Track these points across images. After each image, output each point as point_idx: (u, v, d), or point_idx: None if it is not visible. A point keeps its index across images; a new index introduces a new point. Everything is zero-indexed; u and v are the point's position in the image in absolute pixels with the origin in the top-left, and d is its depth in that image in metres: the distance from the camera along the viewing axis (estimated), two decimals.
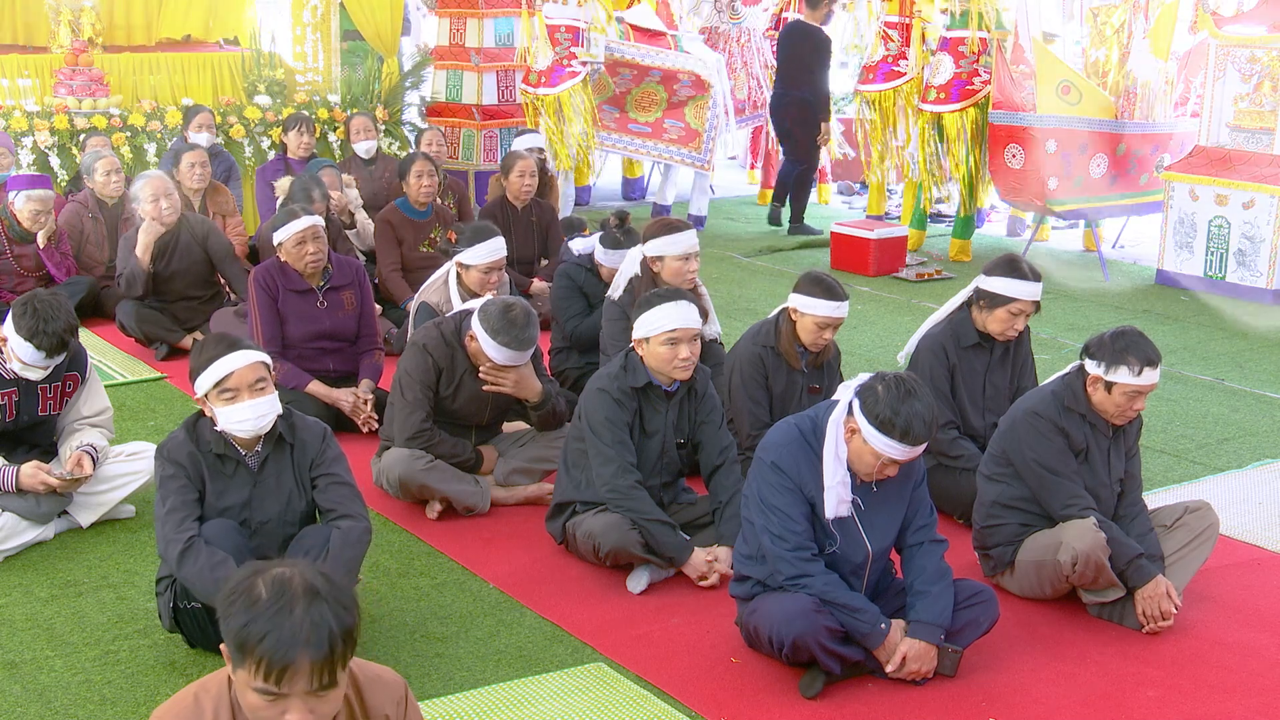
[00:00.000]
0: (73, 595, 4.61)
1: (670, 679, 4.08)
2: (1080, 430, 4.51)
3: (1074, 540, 4.35)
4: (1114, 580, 4.40)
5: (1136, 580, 4.41)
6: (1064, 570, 4.40)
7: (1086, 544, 4.33)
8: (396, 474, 5.24)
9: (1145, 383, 4.38)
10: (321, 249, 6.21)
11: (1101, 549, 4.34)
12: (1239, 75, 9.49)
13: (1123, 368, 4.35)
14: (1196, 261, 9.75)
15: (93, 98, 10.09)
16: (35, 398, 5.04)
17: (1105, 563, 4.35)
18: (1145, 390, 4.42)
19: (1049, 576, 4.50)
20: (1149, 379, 4.38)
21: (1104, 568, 4.35)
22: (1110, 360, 4.37)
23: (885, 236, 10.31)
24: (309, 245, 6.17)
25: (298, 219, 6.17)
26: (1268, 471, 6.08)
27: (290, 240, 6.16)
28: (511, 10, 11.70)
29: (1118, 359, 4.36)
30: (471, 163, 11.72)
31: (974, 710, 3.94)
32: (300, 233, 6.15)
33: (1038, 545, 4.52)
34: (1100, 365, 4.41)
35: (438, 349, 5.30)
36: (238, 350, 4.01)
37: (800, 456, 3.96)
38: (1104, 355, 4.40)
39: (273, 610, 2.29)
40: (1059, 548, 4.40)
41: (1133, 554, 4.41)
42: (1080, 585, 4.48)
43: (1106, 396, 4.43)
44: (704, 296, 6.27)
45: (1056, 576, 4.46)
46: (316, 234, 6.19)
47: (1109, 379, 4.39)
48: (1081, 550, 4.33)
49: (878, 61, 11.56)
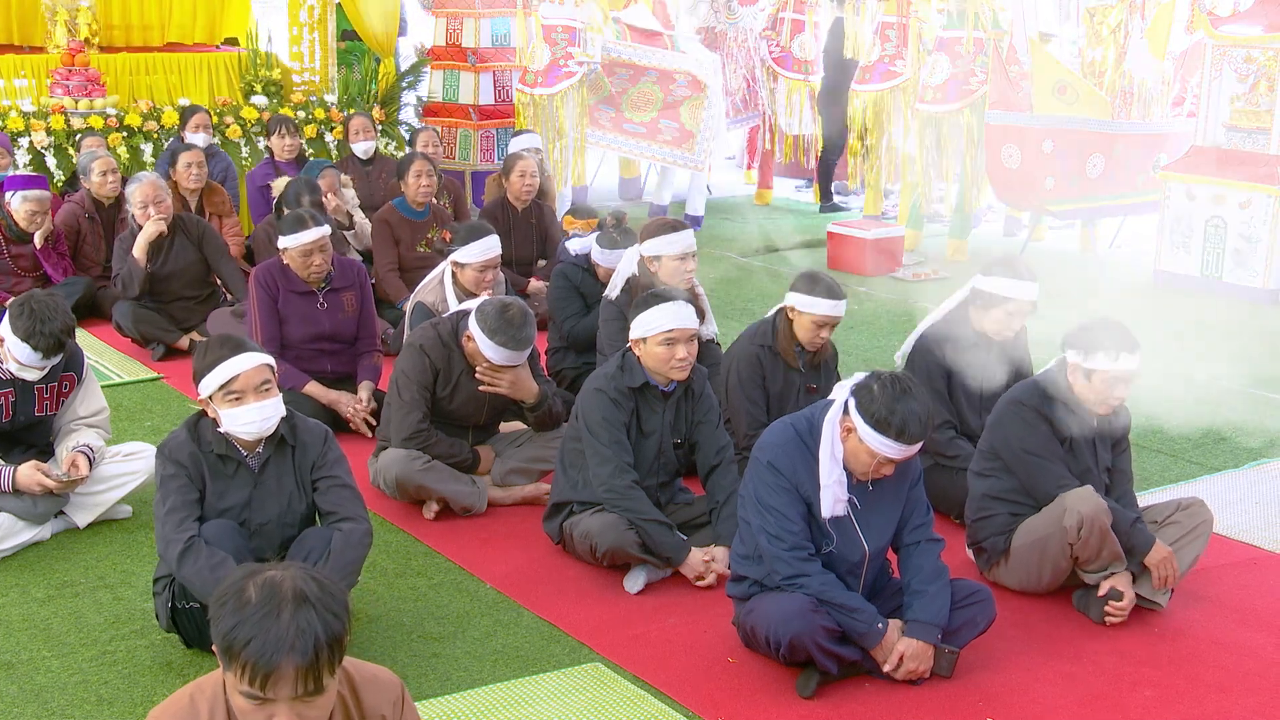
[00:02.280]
0: (69, 596, 4.61)
1: (667, 679, 4.08)
2: (1064, 418, 4.54)
3: (1077, 504, 4.39)
4: (1118, 551, 4.41)
5: (1142, 544, 4.44)
6: (1069, 537, 4.41)
7: (1090, 507, 4.36)
8: (393, 474, 5.24)
9: (1123, 369, 4.41)
10: (327, 260, 6.21)
11: (1104, 513, 4.38)
12: (1235, 75, 9.49)
13: (1100, 354, 4.40)
14: (1193, 261, 9.76)
15: (89, 98, 10.08)
16: (32, 398, 5.04)
17: (1109, 529, 4.38)
18: (1124, 377, 4.44)
19: (1052, 554, 4.50)
20: (1126, 365, 4.41)
21: (1108, 534, 4.38)
22: (1088, 348, 4.42)
23: (882, 236, 10.32)
24: (315, 257, 6.16)
25: (307, 229, 6.14)
26: (1263, 471, 6.09)
27: (297, 250, 6.15)
28: (508, 10, 11.70)
29: (1095, 346, 4.41)
30: (468, 163, 11.72)
31: (971, 710, 3.94)
32: (309, 244, 6.13)
33: (1037, 524, 4.54)
34: (1079, 353, 4.46)
35: (435, 349, 5.30)
36: (244, 352, 4.01)
37: (796, 456, 3.97)
38: (1082, 343, 4.45)
39: (259, 614, 2.29)
40: (1063, 514, 4.42)
41: (1130, 519, 4.46)
42: (1083, 559, 4.47)
43: (1087, 384, 4.47)
44: (701, 297, 6.27)
45: (1060, 550, 4.46)
46: (324, 246, 6.19)
47: (1087, 366, 4.44)
48: (1086, 513, 4.36)
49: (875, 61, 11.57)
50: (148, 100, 10.46)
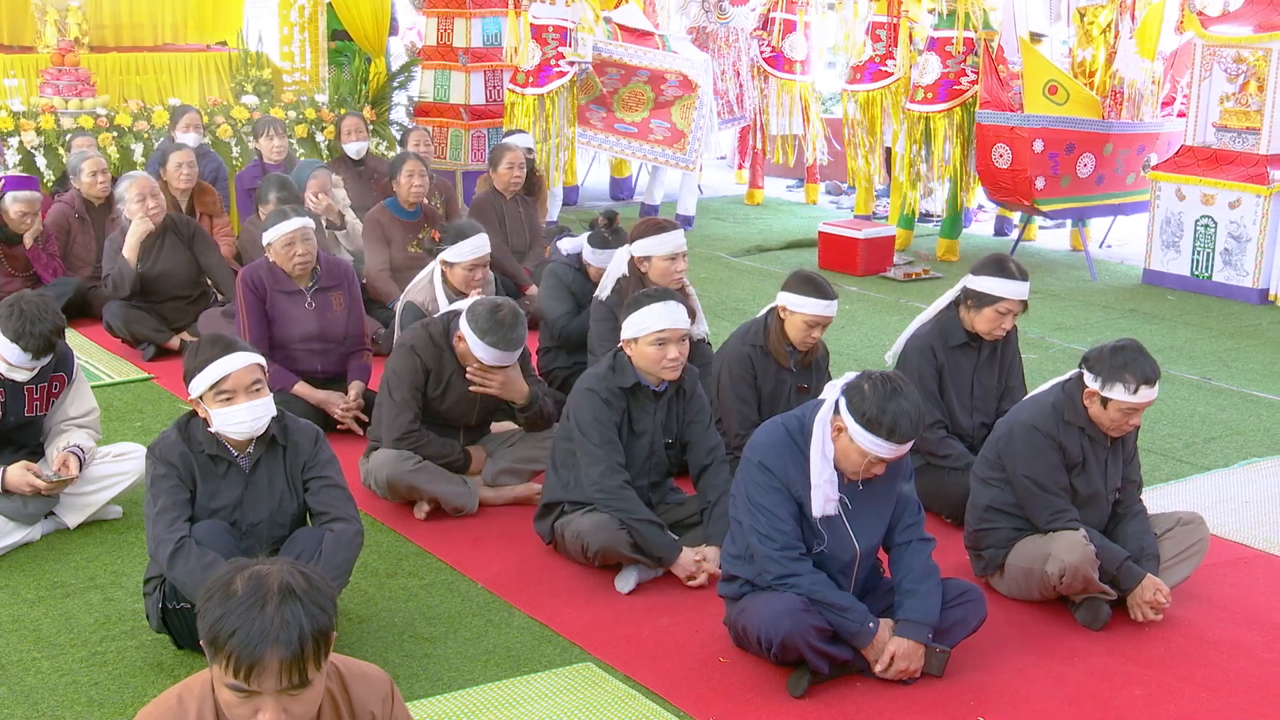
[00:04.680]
0: (60, 596, 4.60)
1: (659, 679, 4.08)
2: (1077, 443, 4.50)
3: (1063, 553, 4.35)
4: (1102, 589, 4.40)
5: (1127, 584, 4.42)
6: (1051, 581, 4.41)
7: (1075, 557, 4.33)
8: (384, 475, 5.24)
9: (1141, 400, 4.36)
10: (310, 250, 6.19)
11: (1090, 563, 4.34)
12: (1225, 75, 9.52)
13: (1119, 385, 4.33)
14: (1183, 261, 9.79)
15: (79, 98, 10.06)
16: (22, 399, 5.03)
17: (1093, 575, 4.35)
18: (1141, 408, 4.41)
19: (1036, 584, 4.51)
20: (1145, 397, 4.35)
21: (1092, 580, 4.36)
22: (1108, 376, 4.35)
23: (873, 236, 10.33)
24: (298, 246, 6.14)
25: (288, 219, 6.14)
26: (1254, 470, 6.10)
27: (279, 241, 6.14)
28: (499, 10, 11.69)
29: (1115, 376, 4.33)
30: (459, 163, 11.71)
31: (962, 709, 3.94)
32: (290, 234, 6.12)
33: (1027, 552, 4.52)
34: (1097, 380, 4.38)
35: (426, 350, 5.29)
36: (234, 352, 4.01)
37: (787, 456, 3.97)
38: (1102, 370, 4.37)
39: (244, 606, 2.31)
40: (1047, 559, 4.40)
41: (1120, 559, 4.42)
42: (1068, 595, 4.49)
43: (1102, 411, 4.42)
44: (692, 296, 6.26)
45: (1044, 585, 4.47)
46: (306, 235, 6.17)
47: (1105, 395, 4.37)
48: (1070, 563, 4.34)
49: (865, 61, 11.58)
50: (138, 100, 10.44)
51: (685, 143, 11.49)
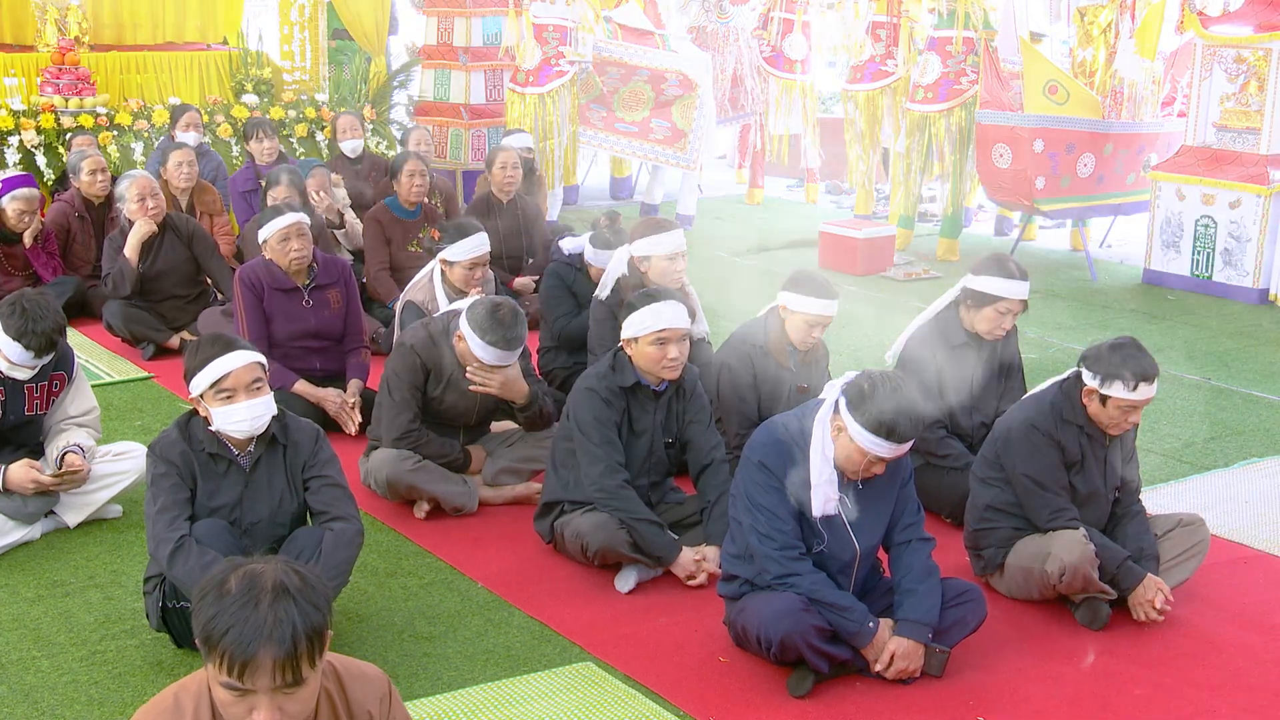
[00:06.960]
0: (59, 595, 4.60)
1: (658, 678, 4.08)
2: (1076, 442, 4.50)
3: (1062, 552, 4.35)
4: (1102, 588, 4.40)
5: (1127, 583, 4.42)
6: (1050, 580, 4.41)
7: (1075, 556, 4.33)
8: (384, 474, 5.24)
9: (1140, 398, 4.36)
10: (306, 246, 6.18)
11: (1090, 562, 4.34)
12: (1225, 75, 9.52)
13: (1118, 382, 4.34)
14: (1183, 261, 9.79)
15: (79, 96, 10.06)
16: (22, 397, 5.03)
17: (1093, 574, 4.35)
18: (1140, 405, 4.41)
19: (1036, 584, 4.51)
20: (1144, 394, 4.36)
21: (1091, 579, 4.36)
22: (1106, 374, 4.35)
23: (873, 236, 10.33)
24: (293, 242, 6.13)
25: (282, 215, 6.14)
26: (1254, 470, 6.10)
27: (275, 237, 6.14)
28: (499, 9, 11.69)
29: (1113, 373, 4.34)
30: (459, 162, 11.71)
31: (962, 709, 3.94)
32: (285, 229, 6.12)
33: (1027, 552, 4.52)
34: (1096, 378, 4.39)
35: (426, 349, 5.29)
36: (235, 350, 4.01)
37: (787, 455, 3.97)
38: (1100, 368, 4.37)
39: (238, 604, 2.31)
40: (1047, 558, 4.40)
41: (1120, 558, 4.42)
42: (1067, 594, 4.49)
43: (1101, 409, 4.42)
44: (692, 296, 6.26)
45: (1044, 585, 4.47)
46: (301, 231, 6.16)
47: (1104, 392, 4.38)
48: (1069, 562, 4.34)
49: (865, 61, 11.59)
50: (138, 99, 10.45)
51: (686, 142, 11.49)
